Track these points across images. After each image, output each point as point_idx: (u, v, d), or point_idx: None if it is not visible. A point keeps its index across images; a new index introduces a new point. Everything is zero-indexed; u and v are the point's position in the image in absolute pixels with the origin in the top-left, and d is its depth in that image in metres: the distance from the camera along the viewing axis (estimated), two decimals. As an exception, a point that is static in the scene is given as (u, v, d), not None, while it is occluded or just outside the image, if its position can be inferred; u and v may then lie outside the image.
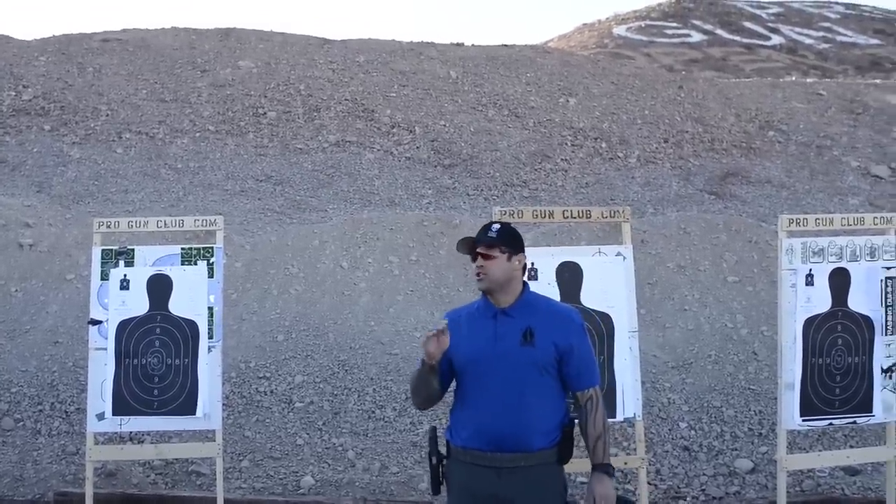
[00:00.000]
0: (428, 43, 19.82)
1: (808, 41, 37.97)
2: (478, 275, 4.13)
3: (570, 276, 5.68)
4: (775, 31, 38.87)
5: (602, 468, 4.05)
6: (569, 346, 4.06)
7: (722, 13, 40.26)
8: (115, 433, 7.10)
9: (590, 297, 5.66)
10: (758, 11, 40.99)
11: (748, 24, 39.26)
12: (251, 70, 17.21)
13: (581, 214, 6.11)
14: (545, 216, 5.91)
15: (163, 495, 6.97)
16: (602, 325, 5.63)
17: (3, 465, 7.39)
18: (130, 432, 7.32)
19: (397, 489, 7.14)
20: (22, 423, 8.01)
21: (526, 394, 3.99)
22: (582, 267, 5.72)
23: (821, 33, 38.78)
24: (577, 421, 4.14)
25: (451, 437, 4.13)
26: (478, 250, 4.13)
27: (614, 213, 6.11)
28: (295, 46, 18.57)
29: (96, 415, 6.14)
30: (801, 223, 5.93)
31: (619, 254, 5.87)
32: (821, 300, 5.81)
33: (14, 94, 15.87)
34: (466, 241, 4.21)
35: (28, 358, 8.76)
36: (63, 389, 8.36)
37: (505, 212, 5.90)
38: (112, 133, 15.02)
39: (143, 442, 7.51)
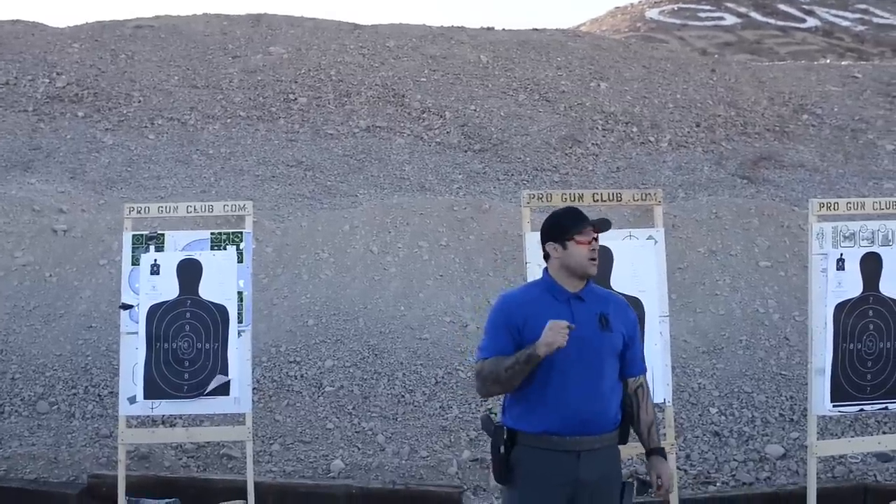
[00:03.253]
0: (458, 27, 19.77)
1: (844, 23, 37.53)
2: (594, 259, 4.13)
3: (600, 259, 5.63)
4: (810, 13, 38.43)
5: (660, 451, 4.24)
6: (631, 335, 4.18)
7: (756, -5, 39.87)
8: (148, 416, 7.18)
9: (620, 282, 5.60)
10: (792, -7, 40.55)
11: (783, 7, 38.84)
12: (282, 56, 17.24)
13: (612, 198, 6.06)
14: (575, 200, 5.87)
15: (194, 478, 7.04)
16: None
17: (39, 447, 7.49)
18: (163, 416, 7.39)
19: (427, 473, 7.17)
20: (56, 406, 8.11)
21: (604, 377, 4.04)
22: (612, 251, 5.67)
23: (857, 15, 38.31)
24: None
25: (519, 424, 4.07)
26: (596, 235, 4.15)
27: (646, 195, 6.07)
28: (325, 32, 18.58)
29: (128, 398, 6.21)
30: (832, 207, 5.87)
31: (650, 237, 5.83)
32: (852, 285, 5.76)
33: (48, 81, 16.00)
34: (600, 222, 4.20)
35: (62, 342, 8.86)
36: (97, 373, 8.46)
37: (534, 195, 5.89)
38: (144, 119, 15.12)
39: (174, 425, 7.57)
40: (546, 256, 4.20)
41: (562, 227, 4.14)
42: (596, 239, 4.13)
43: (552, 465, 4.00)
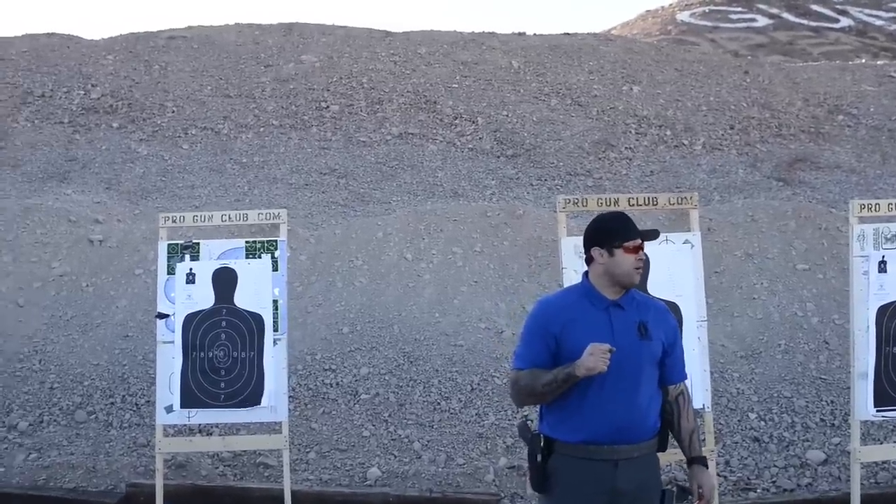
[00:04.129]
0: (489, 33, 19.74)
1: (878, 22, 37.13)
2: (639, 269, 4.08)
3: (635, 265, 5.59)
4: (844, 13, 38.05)
5: (701, 460, 4.17)
6: (671, 342, 4.12)
7: (788, -4, 39.52)
8: (185, 425, 7.20)
9: (657, 286, 5.54)
10: (825, -7, 40.15)
11: (815, 7, 38.48)
12: (314, 64, 17.30)
13: (647, 202, 6.01)
14: (611, 204, 5.82)
15: (231, 487, 7.05)
16: (669, 315, 5.55)
17: (77, 456, 7.53)
18: (199, 425, 7.41)
19: (463, 481, 7.13)
20: (94, 415, 8.15)
21: (642, 386, 3.99)
22: (648, 255, 5.62)
23: (891, 14, 37.89)
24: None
25: (556, 432, 4.03)
26: (643, 244, 4.10)
27: (682, 199, 6.01)
28: (357, 40, 18.62)
29: (165, 407, 6.22)
30: (873, 209, 5.77)
31: (686, 241, 5.77)
32: (894, 287, 5.66)
33: (83, 93, 16.15)
34: (650, 233, 4.16)
35: (99, 352, 8.92)
36: (134, 382, 8.50)
37: (569, 200, 5.84)
38: (178, 129, 15.22)
39: (211, 434, 7.59)
40: (589, 260, 4.13)
41: (610, 232, 4.07)
42: (642, 248, 4.08)
43: (589, 473, 3.96)
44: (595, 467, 3.95)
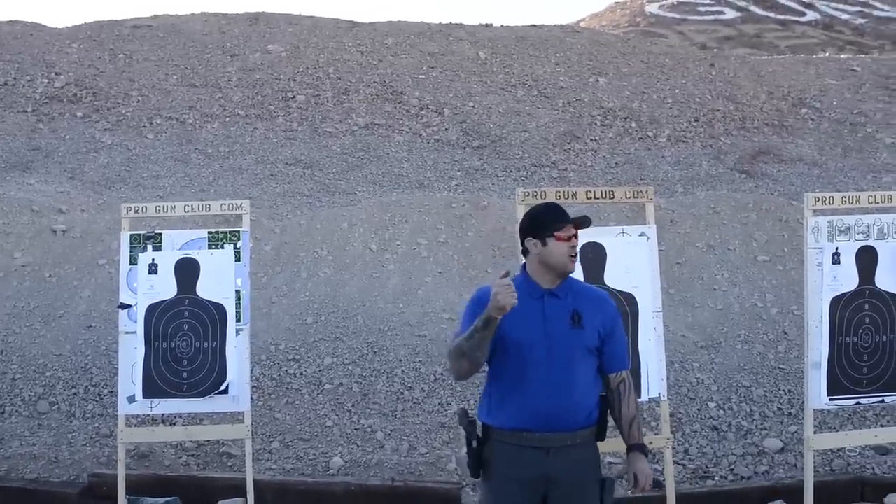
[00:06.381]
0: (456, 24, 19.78)
1: (844, 16, 37.50)
2: (574, 256, 4.11)
3: (593, 256, 5.66)
4: (810, 6, 38.40)
5: (639, 447, 4.19)
6: (608, 331, 4.14)
7: (755, -11, 39.79)
8: (147, 415, 7.20)
9: (613, 278, 5.64)
10: (792, -14, 40.47)
11: (782, 0, 38.79)
12: (280, 54, 17.26)
13: (604, 195, 6.10)
14: (569, 197, 5.90)
15: (194, 476, 7.06)
16: (626, 306, 5.62)
17: (39, 447, 7.52)
18: (162, 415, 7.41)
19: (426, 470, 7.19)
20: (57, 406, 8.13)
21: (575, 375, 4.03)
22: (605, 247, 5.70)
23: (857, 8, 38.26)
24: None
25: (491, 418, 4.10)
26: (576, 232, 4.13)
27: (638, 193, 6.08)
28: (323, 30, 18.59)
29: (127, 397, 6.24)
30: (827, 201, 5.87)
31: (642, 234, 5.84)
32: (847, 279, 5.77)
33: (47, 81, 16.02)
34: (580, 219, 4.18)
35: (62, 342, 8.89)
36: (96, 373, 8.48)
37: (528, 193, 5.90)
38: (143, 119, 15.14)
39: (174, 424, 7.59)
40: (525, 252, 4.20)
41: (542, 222, 4.12)
42: (576, 236, 4.12)
43: (521, 460, 4.03)
44: (527, 454, 4.02)
